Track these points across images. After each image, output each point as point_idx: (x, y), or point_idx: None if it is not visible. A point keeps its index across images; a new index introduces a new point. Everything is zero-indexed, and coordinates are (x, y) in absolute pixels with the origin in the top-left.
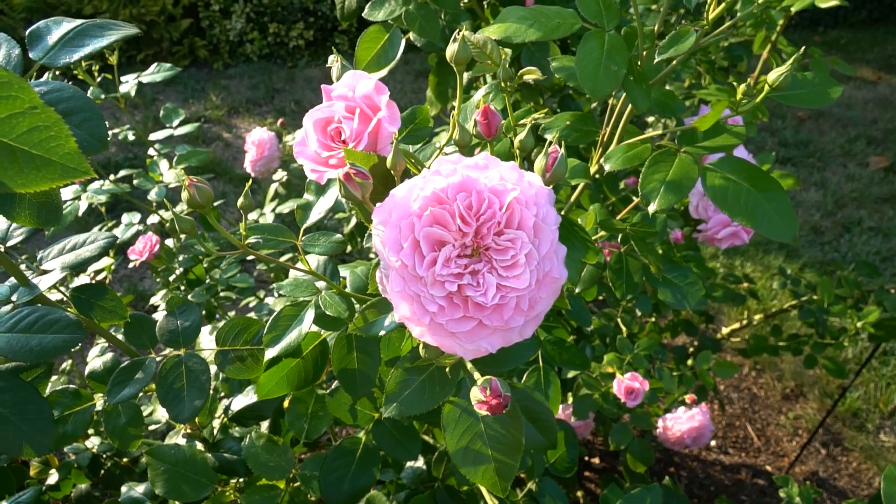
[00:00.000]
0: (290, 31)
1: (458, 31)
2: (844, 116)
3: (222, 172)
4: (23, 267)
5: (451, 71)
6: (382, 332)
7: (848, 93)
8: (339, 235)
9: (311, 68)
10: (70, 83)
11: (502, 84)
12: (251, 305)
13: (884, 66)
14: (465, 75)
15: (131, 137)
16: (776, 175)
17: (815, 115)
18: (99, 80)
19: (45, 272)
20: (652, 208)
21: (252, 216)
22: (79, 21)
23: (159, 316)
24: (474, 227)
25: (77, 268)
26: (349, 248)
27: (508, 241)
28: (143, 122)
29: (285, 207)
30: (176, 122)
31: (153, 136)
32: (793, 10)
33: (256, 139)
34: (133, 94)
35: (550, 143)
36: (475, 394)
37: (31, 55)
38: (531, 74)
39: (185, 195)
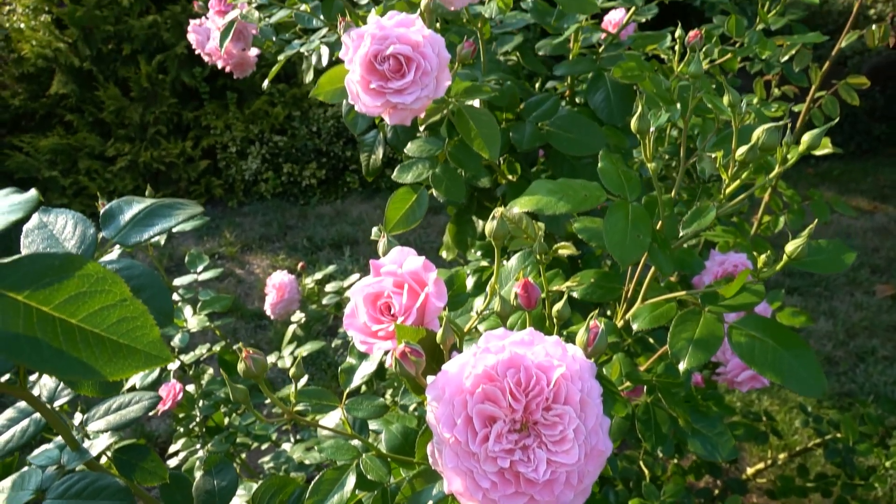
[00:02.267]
0: (303, 171)
1: (495, 210)
2: (846, 245)
3: (234, 308)
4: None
5: (469, 221)
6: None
7: (847, 222)
8: (381, 400)
9: (322, 205)
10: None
11: (538, 257)
12: (263, 448)
13: (878, 196)
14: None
15: None
16: (788, 312)
17: None
18: None
19: (91, 431)
20: (682, 366)
21: (270, 359)
22: (149, 201)
23: (173, 462)
24: (524, 402)
25: (123, 428)
26: (364, 389)
27: (556, 417)
28: (158, 258)
29: (304, 350)
30: (200, 268)
31: (177, 282)
32: (790, 160)
33: (277, 282)
34: (162, 242)
35: (592, 317)
36: None
37: (104, 234)
38: (566, 250)
39: (241, 366)
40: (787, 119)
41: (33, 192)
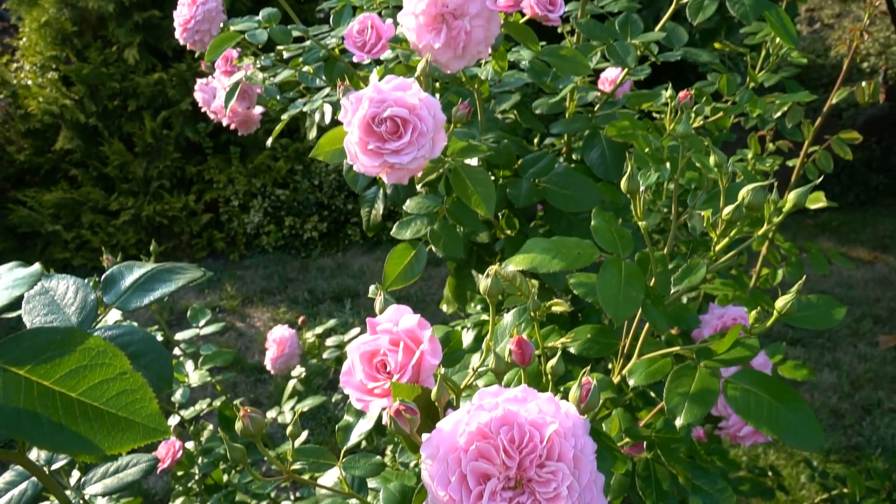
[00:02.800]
0: (305, 224)
1: (490, 268)
2: (847, 296)
3: (235, 362)
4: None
5: (468, 275)
6: None
7: (847, 273)
8: (378, 458)
9: (324, 258)
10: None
11: (531, 314)
12: None
13: (878, 246)
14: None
15: (159, 339)
16: (790, 366)
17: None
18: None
19: (88, 495)
20: (679, 422)
21: (270, 414)
22: (149, 266)
23: None
24: (517, 460)
25: (120, 491)
26: (364, 445)
27: (550, 474)
28: (159, 312)
29: (304, 406)
30: (202, 322)
31: (179, 336)
32: (784, 211)
33: (277, 337)
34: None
35: (584, 373)
36: None
37: (105, 299)
38: (559, 307)
39: (238, 425)
40: (774, 179)
41: (37, 266)
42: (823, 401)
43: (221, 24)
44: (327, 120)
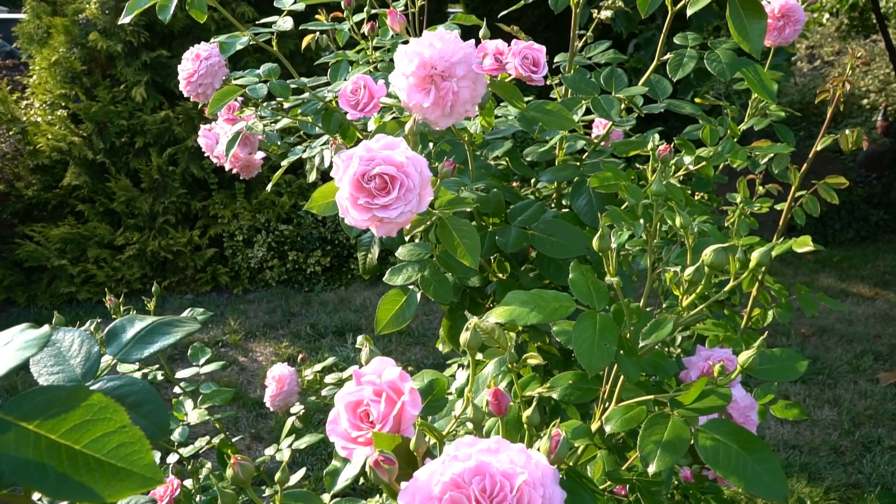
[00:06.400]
0: (308, 259)
1: (469, 322)
2: (848, 332)
3: (236, 397)
4: None
5: (461, 317)
6: None
7: (848, 309)
8: (363, 502)
9: (326, 292)
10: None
11: (509, 365)
12: None
13: (879, 282)
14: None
15: (160, 377)
16: (781, 405)
17: (819, 331)
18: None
19: None
20: (651, 469)
21: (269, 451)
22: (149, 320)
23: None
24: None
25: None
26: (362, 481)
27: None
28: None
29: (302, 443)
30: (202, 361)
31: (180, 374)
32: (750, 268)
33: (276, 374)
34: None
35: (554, 425)
36: None
37: (107, 351)
38: (534, 360)
39: (229, 472)
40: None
41: (45, 328)
42: (823, 438)
43: (224, 78)
44: (326, 164)
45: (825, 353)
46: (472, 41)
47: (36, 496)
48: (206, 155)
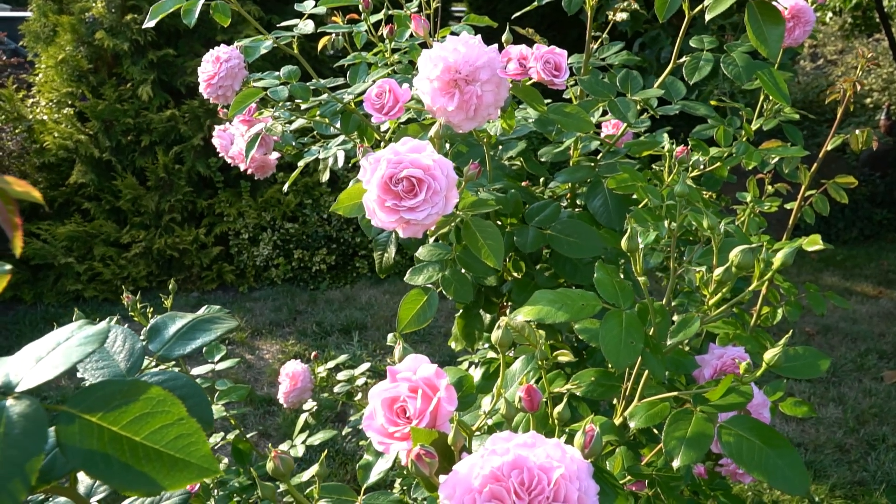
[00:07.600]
0: (313, 257)
1: (500, 320)
2: (852, 331)
3: None
4: None
5: (476, 315)
6: None
7: (853, 307)
8: (396, 495)
9: (332, 290)
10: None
11: (539, 362)
12: None
13: (882, 280)
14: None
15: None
16: (790, 403)
17: (823, 330)
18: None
19: None
20: (676, 464)
21: (283, 447)
22: (190, 317)
23: None
24: (527, 501)
25: None
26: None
27: None
28: None
29: (316, 439)
30: (217, 358)
31: (195, 371)
32: (773, 268)
33: (290, 371)
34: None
35: (588, 420)
36: None
37: (150, 347)
38: (565, 357)
39: (270, 465)
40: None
41: (104, 324)
42: (828, 436)
43: (243, 80)
44: (339, 165)
45: (830, 352)
46: (496, 45)
47: (81, 489)
48: (212, 149)
